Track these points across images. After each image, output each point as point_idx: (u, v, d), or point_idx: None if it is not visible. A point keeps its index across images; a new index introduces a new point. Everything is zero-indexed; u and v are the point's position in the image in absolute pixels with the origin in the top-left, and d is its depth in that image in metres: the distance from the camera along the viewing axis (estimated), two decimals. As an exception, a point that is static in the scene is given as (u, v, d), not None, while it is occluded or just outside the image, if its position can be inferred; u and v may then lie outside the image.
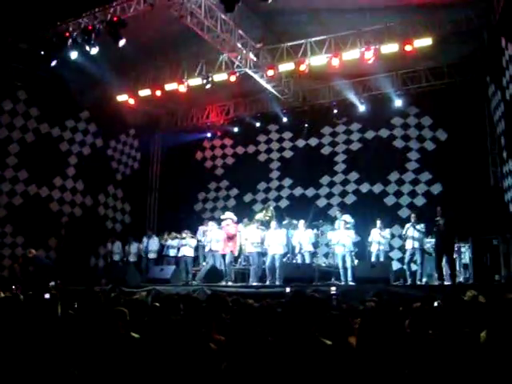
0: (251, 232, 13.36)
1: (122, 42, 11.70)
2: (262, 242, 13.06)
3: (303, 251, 13.16)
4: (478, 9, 11.91)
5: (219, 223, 13.80)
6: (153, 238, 15.65)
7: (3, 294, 6.81)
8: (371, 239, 12.96)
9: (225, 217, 13.48)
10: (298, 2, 11.79)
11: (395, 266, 13.65)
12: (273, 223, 13.26)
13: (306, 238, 13.17)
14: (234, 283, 13.13)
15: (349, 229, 12.86)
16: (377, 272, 11.45)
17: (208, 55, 13.94)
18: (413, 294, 9.27)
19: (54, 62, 12.90)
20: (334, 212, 15.14)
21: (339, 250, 12.62)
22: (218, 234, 13.44)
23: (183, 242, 14.40)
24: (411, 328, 4.21)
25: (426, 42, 11.85)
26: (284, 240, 13.11)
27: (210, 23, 11.97)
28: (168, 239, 14.98)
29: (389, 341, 3.29)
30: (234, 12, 10.40)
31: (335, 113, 16.38)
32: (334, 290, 9.91)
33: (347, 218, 13.40)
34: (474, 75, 14.03)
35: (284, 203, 17.35)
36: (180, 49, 13.72)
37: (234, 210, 14.68)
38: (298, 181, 17.30)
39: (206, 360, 3.20)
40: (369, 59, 12.38)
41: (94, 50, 12.08)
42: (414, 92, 15.12)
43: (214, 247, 13.55)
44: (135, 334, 4.59)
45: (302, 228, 13.28)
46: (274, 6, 10.77)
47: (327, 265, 14.03)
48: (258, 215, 14.54)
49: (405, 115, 15.73)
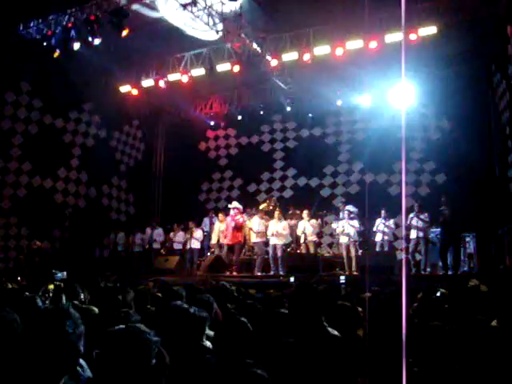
0: (255, 222, 13.37)
1: (124, 32, 11.66)
2: (265, 232, 13.08)
3: (307, 241, 13.17)
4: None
5: (225, 213, 13.79)
6: (157, 229, 15.67)
7: (10, 286, 6.84)
8: (375, 229, 12.97)
9: (232, 206, 13.45)
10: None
11: (399, 255, 13.62)
12: (276, 213, 13.26)
13: (310, 228, 13.17)
14: (238, 273, 13.17)
15: (353, 219, 12.86)
16: (381, 262, 11.46)
17: (211, 45, 13.85)
18: (417, 283, 9.26)
19: (56, 53, 12.89)
20: (338, 202, 15.12)
21: (343, 239, 12.65)
22: (225, 224, 13.43)
23: (189, 235, 14.43)
24: (417, 318, 4.19)
25: (430, 30, 11.74)
26: (287, 230, 13.11)
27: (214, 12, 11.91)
28: (176, 235, 14.96)
29: (395, 330, 3.28)
30: (238, 1, 10.35)
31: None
32: (343, 279, 9.93)
33: (351, 208, 13.39)
34: (479, 64, 13.92)
35: (288, 193, 17.34)
36: (183, 38, 13.63)
37: (238, 201, 14.65)
38: (301, 171, 17.27)
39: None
40: (373, 49, 12.28)
41: (97, 41, 12.05)
42: (418, 81, 14.96)
43: (222, 238, 13.56)
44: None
45: (306, 218, 13.28)
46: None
47: (331, 255, 14.04)
48: (262, 205, 14.53)
49: (409, 105, 15.60)
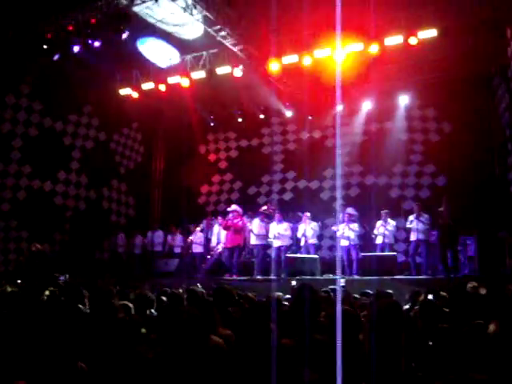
0: (255, 225, 13.37)
1: (125, 34, 11.67)
2: (266, 235, 13.07)
3: (308, 244, 13.17)
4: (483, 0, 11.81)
5: (223, 216, 13.80)
6: (157, 231, 15.68)
7: (10, 289, 6.81)
8: (376, 232, 12.97)
9: (231, 209, 13.44)
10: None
11: (400, 258, 13.61)
12: (277, 216, 13.26)
13: (310, 230, 13.16)
14: (238, 276, 13.16)
15: (353, 221, 12.85)
16: (382, 264, 11.46)
17: (211, 48, 13.86)
18: (417, 286, 9.25)
19: (56, 56, 12.90)
20: (338, 205, 15.07)
21: (344, 242, 12.64)
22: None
23: (191, 239, 14.48)
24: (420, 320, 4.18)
25: (430, 33, 11.74)
26: (288, 232, 13.12)
27: (212, 16, 11.92)
28: (174, 239, 14.99)
29: (395, 334, 3.27)
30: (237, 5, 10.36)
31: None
32: (343, 282, 9.93)
33: (351, 210, 13.38)
34: (479, 66, 13.92)
35: (288, 196, 17.31)
36: (183, 42, 13.65)
37: (238, 203, 14.65)
38: (301, 173, 17.25)
39: (213, 356, 3.18)
40: (374, 53, 12.26)
41: (97, 44, 12.05)
42: (419, 84, 14.99)
43: (222, 241, 13.58)
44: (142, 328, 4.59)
45: (307, 221, 13.27)
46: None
47: (331, 257, 14.03)
48: (262, 208, 14.52)
49: (409, 107, 15.66)
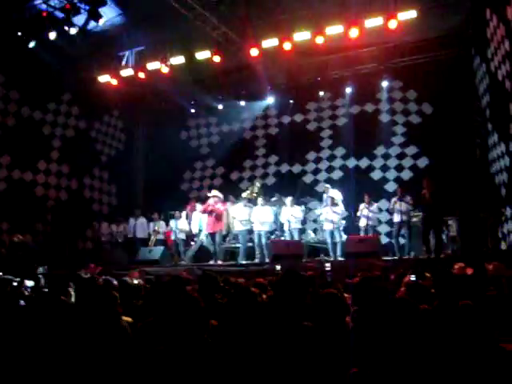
0: (239, 210, 13.36)
1: (101, 20, 11.49)
2: (249, 220, 13.07)
3: (291, 228, 13.18)
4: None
5: (205, 202, 13.74)
6: (140, 218, 15.61)
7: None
8: (359, 214, 13.05)
9: (211, 195, 13.39)
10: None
11: (383, 240, 13.73)
12: (259, 200, 13.26)
13: (293, 214, 13.18)
14: (223, 262, 13.18)
15: (336, 204, 12.90)
16: (365, 247, 11.53)
17: (191, 33, 13.68)
18: (401, 267, 9.33)
19: (32, 44, 12.65)
20: (321, 188, 15.12)
21: (327, 225, 12.70)
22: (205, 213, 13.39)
23: (174, 225, 14.44)
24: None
25: (410, 14, 11.71)
26: (271, 217, 13.12)
27: (192, 0, 11.76)
28: (157, 226, 14.97)
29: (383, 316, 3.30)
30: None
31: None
32: (329, 266, 9.96)
33: (335, 193, 13.41)
34: (459, 48, 13.97)
35: (271, 180, 17.32)
36: (164, 28, 13.45)
37: (221, 189, 14.61)
38: (284, 157, 17.26)
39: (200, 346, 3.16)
40: (354, 37, 12.19)
41: (73, 30, 11.85)
42: (399, 66, 15.01)
43: (203, 227, 13.56)
44: (127, 317, 4.57)
45: (290, 205, 13.28)
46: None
47: (316, 241, 14.09)
48: (245, 193, 14.49)
49: (390, 89, 15.69)
